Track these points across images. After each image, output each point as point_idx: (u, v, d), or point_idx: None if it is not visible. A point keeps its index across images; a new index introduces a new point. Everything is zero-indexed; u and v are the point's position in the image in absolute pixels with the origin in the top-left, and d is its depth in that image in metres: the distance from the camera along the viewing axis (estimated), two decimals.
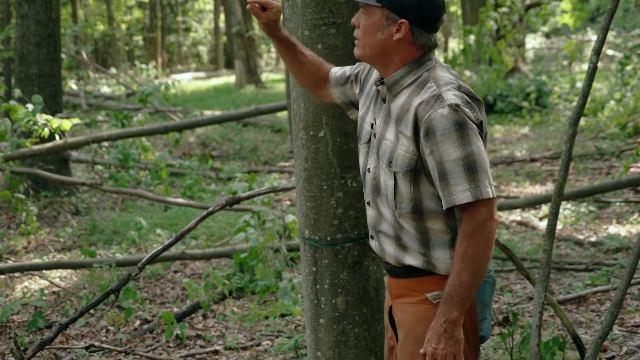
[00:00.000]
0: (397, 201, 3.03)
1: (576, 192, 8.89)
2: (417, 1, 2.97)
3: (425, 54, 3.06)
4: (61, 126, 8.32)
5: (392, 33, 3.01)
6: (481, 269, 2.92)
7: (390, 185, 3.04)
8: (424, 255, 3.05)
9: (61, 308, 7.00)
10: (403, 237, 3.09)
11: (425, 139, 2.89)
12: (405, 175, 2.98)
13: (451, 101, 2.88)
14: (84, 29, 21.11)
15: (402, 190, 3.01)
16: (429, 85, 2.97)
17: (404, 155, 2.97)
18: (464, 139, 2.86)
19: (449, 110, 2.86)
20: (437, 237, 3.04)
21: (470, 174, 2.86)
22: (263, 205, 8.02)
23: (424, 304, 3.08)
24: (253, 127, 17.52)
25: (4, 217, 9.92)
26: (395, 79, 3.06)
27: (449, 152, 2.86)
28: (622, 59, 15.23)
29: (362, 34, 3.08)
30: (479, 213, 2.88)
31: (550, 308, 5.91)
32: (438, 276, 3.05)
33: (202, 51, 50.52)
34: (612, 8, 4.50)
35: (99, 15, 38.96)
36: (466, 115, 2.88)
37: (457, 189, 2.87)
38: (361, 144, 3.26)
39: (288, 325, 6.33)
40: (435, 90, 2.93)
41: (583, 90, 4.55)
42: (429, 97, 2.92)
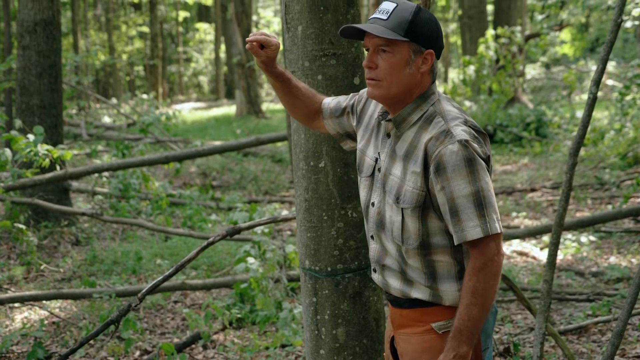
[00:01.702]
0: (404, 237, 3.03)
1: (577, 222, 8.88)
2: (437, 30, 3.01)
3: (430, 88, 3.06)
4: (62, 156, 8.33)
5: (419, 66, 3.02)
6: (489, 302, 2.95)
7: (398, 221, 3.03)
8: (431, 288, 3.05)
9: (61, 339, 6.97)
10: (408, 272, 3.08)
11: (436, 175, 2.91)
12: (413, 211, 2.99)
13: (460, 137, 2.89)
14: (85, 59, 21.17)
15: (409, 226, 3.01)
16: (436, 120, 2.98)
17: (412, 191, 2.97)
18: (473, 174, 2.89)
19: (458, 146, 2.88)
20: (444, 270, 3.04)
21: (480, 209, 2.89)
22: (264, 235, 8.02)
23: (429, 334, 3.08)
24: (253, 157, 17.54)
25: (4, 247, 9.91)
26: (403, 117, 3.05)
27: (460, 188, 2.88)
28: (621, 90, 15.27)
29: (387, 73, 3.02)
30: (489, 248, 2.91)
31: (551, 338, 5.89)
32: (443, 306, 3.06)
33: (203, 81, 50.68)
34: (612, 39, 4.52)
35: (100, 46, 39.09)
36: (475, 150, 2.90)
37: (468, 225, 2.89)
38: (363, 177, 3.24)
39: (288, 356, 6.31)
40: (443, 126, 2.94)
41: (583, 121, 4.57)
42: (438, 132, 2.93)
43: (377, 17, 3.00)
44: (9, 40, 17.35)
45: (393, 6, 3.00)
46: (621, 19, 4.52)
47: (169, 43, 47.40)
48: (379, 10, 3.01)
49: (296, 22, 3.78)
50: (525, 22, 28.58)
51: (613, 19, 4.55)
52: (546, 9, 21.46)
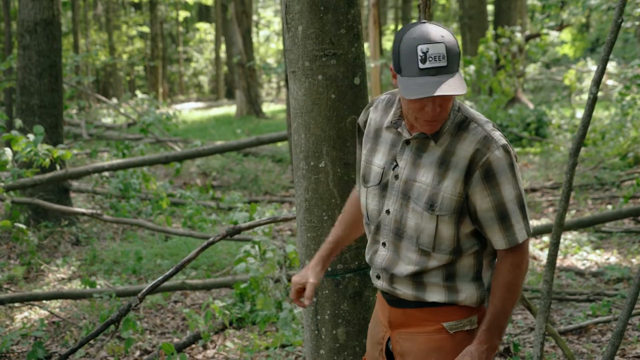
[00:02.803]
0: (436, 243, 3.02)
1: (577, 223, 8.88)
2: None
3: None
4: (62, 156, 8.33)
5: None
6: (518, 298, 3.09)
7: (430, 228, 3.00)
8: (448, 288, 3.06)
9: (61, 338, 6.97)
10: (426, 277, 3.06)
11: (484, 181, 2.93)
12: (450, 217, 2.98)
13: (501, 142, 2.94)
14: (85, 59, 21.18)
15: (443, 232, 3.00)
16: (472, 126, 2.98)
17: (451, 198, 2.96)
18: (515, 178, 2.96)
19: (503, 151, 2.93)
20: (465, 271, 3.07)
21: (523, 211, 2.98)
22: (264, 235, 8.01)
23: (439, 334, 3.08)
24: (254, 157, 17.53)
25: (5, 247, 9.91)
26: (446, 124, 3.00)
27: (508, 193, 2.93)
28: (621, 90, 15.27)
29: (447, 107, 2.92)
30: (526, 247, 3.03)
31: (551, 339, 5.89)
32: (457, 306, 3.08)
33: (203, 81, 50.69)
34: (612, 39, 4.52)
35: (100, 46, 39.10)
36: (513, 154, 2.97)
37: (517, 228, 2.98)
38: (369, 186, 3.16)
39: (288, 356, 6.31)
40: (482, 132, 2.96)
41: (583, 121, 4.57)
42: (480, 139, 2.94)
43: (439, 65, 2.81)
44: (10, 40, 17.34)
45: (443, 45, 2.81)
46: (621, 19, 4.52)
47: (169, 43, 47.41)
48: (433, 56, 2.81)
49: (296, 22, 3.78)
50: (526, 22, 28.59)
51: (613, 19, 4.55)
52: (546, 9, 21.46)
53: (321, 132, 3.77)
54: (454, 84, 2.80)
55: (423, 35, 2.81)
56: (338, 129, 3.78)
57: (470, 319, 3.09)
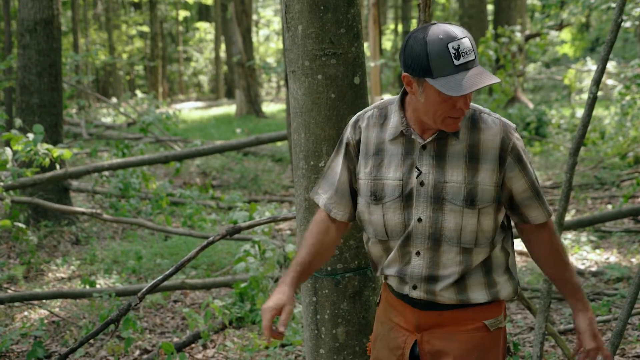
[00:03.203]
0: (479, 237, 3.02)
1: (577, 222, 8.88)
2: None
3: None
4: (62, 155, 8.33)
5: None
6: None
7: (472, 224, 2.99)
8: (488, 284, 3.08)
9: (61, 338, 6.97)
10: (467, 276, 3.05)
11: (517, 165, 3.01)
12: (491, 208, 3.01)
13: (514, 126, 3.07)
14: (85, 59, 21.19)
15: (484, 225, 3.02)
16: (484, 117, 3.04)
17: (490, 188, 2.99)
18: (530, 159, 3.08)
19: (518, 135, 3.04)
20: (499, 263, 3.11)
21: (542, 192, 3.10)
22: (263, 234, 8.02)
23: (480, 332, 3.08)
24: (253, 157, 17.53)
25: (4, 246, 9.91)
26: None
27: (531, 173, 3.03)
28: (621, 90, 15.28)
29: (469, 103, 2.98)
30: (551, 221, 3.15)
31: (551, 338, 5.89)
32: (496, 303, 3.12)
33: (203, 81, 50.69)
34: (612, 39, 4.52)
35: (100, 45, 39.11)
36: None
37: (545, 205, 3.09)
38: (387, 201, 3.06)
39: (288, 355, 6.31)
40: (497, 120, 3.04)
41: (583, 120, 4.57)
42: (500, 127, 3.02)
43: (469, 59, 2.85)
44: (9, 39, 17.34)
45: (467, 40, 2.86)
46: (621, 18, 4.52)
47: (169, 42, 47.41)
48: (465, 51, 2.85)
49: (296, 21, 3.78)
50: (526, 22, 28.60)
51: (613, 19, 4.55)
52: (546, 8, 21.45)
53: (321, 131, 3.77)
54: (487, 73, 2.89)
55: (447, 33, 2.82)
56: (338, 129, 3.78)
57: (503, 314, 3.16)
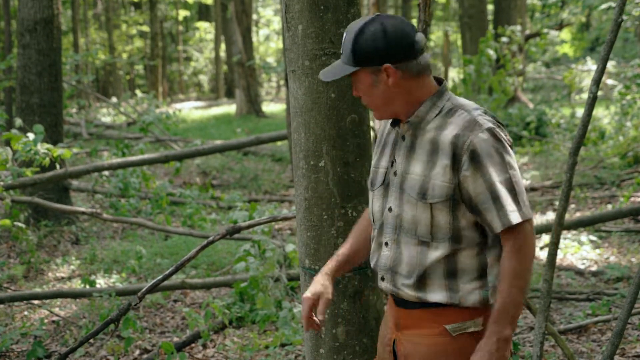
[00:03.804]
0: (434, 232, 2.99)
1: (577, 222, 8.88)
2: (385, 44, 2.95)
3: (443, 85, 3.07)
4: (62, 155, 8.33)
5: (386, 80, 2.98)
6: (528, 285, 2.97)
7: (425, 218, 2.98)
8: (450, 288, 2.99)
9: (61, 337, 6.98)
10: (428, 273, 3.01)
11: (471, 165, 2.90)
12: (443, 204, 2.95)
13: (488, 125, 2.93)
14: (85, 58, 21.20)
15: (439, 220, 2.97)
16: (458, 112, 2.98)
17: (441, 185, 2.94)
18: (504, 161, 2.92)
19: (488, 134, 2.91)
20: (468, 269, 3.00)
21: (514, 195, 2.92)
22: (263, 234, 8.02)
23: (442, 337, 3.01)
24: (253, 156, 17.54)
25: (4, 246, 9.91)
26: (421, 116, 3.02)
27: (496, 175, 2.89)
28: (621, 89, 15.28)
29: (367, 98, 3.05)
30: (525, 231, 2.93)
31: (551, 338, 5.89)
32: (459, 308, 3.01)
33: (203, 80, 50.67)
34: (612, 38, 4.52)
35: (100, 45, 39.11)
36: (502, 137, 2.94)
37: (509, 210, 2.90)
38: (375, 189, 3.18)
39: (288, 355, 6.31)
40: (467, 116, 2.96)
41: (583, 120, 4.56)
42: (464, 123, 2.95)
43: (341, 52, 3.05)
44: (9, 39, 17.35)
45: (344, 36, 3.02)
46: (621, 18, 4.52)
47: (169, 42, 47.39)
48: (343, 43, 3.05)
49: (296, 21, 3.78)
50: (526, 22, 28.60)
51: (613, 19, 4.55)
52: (546, 8, 21.47)
53: (321, 131, 3.77)
54: (329, 73, 3.04)
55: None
56: (338, 128, 3.78)
57: (474, 320, 3.01)
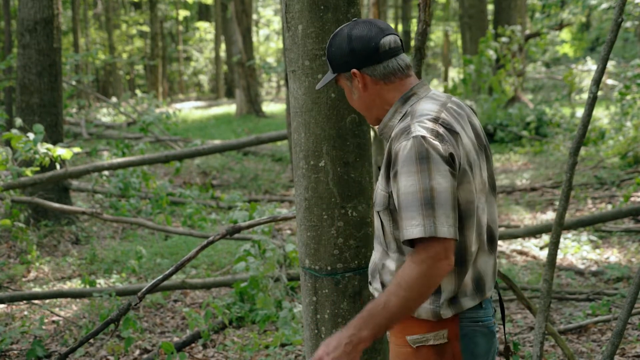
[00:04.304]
0: (386, 241, 2.97)
1: (577, 222, 8.88)
2: (348, 49, 2.97)
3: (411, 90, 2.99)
4: (62, 155, 8.33)
5: (358, 86, 3.00)
6: (412, 302, 2.77)
7: (378, 227, 2.99)
8: None
9: (61, 337, 6.98)
10: (385, 281, 2.98)
11: (392, 173, 2.81)
12: (384, 213, 2.92)
13: (417, 133, 2.77)
14: (85, 58, 21.21)
15: (386, 230, 2.94)
16: (405, 120, 2.89)
17: (381, 193, 2.90)
18: (424, 172, 2.73)
19: (412, 141, 2.75)
20: None
21: (426, 209, 2.72)
22: (263, 234, 8.02)
23: (404, 347, 2.98)
24: (254, 156, 17.55)
25: (4, 246, 9.91)
26: (384, 123, 3.02)
27: (407, 185, 2.74)
28: (621, 89, 15.28)
29: (353, 104, 3.11)
30: (432, 248, 2.72)
31: (551, 338, 5.89)
32: (417, 319, 2.93)
33: (203, 80, 50.69)
34: (612, 38, 4.52)
35: (100, 45, 39.11)
36: (432, 147, 2.75)
37: (410, 223, 2.73)
38: None
39: (288, 355, 6.31)
40: (407, 123, 2.85)
41: (583, 120, 4.57)
42: (399, 130, 2.84)
43: None
44: (9, 39, 17.35)
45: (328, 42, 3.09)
46: (621, 18, 4.52)
47: (169, 42, 47.40)
48: None
49: (296, 21, 3.78)
50: (526, 22, 28.59)
51: (613, 19, 4.55)
52: (546, 8, 21.45)
53: (321, 131, 3.77)
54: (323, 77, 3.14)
55: None
56: (338, 128, 3.78)
57: (435, 333, 2.92)
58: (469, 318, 2.94)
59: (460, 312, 2.92)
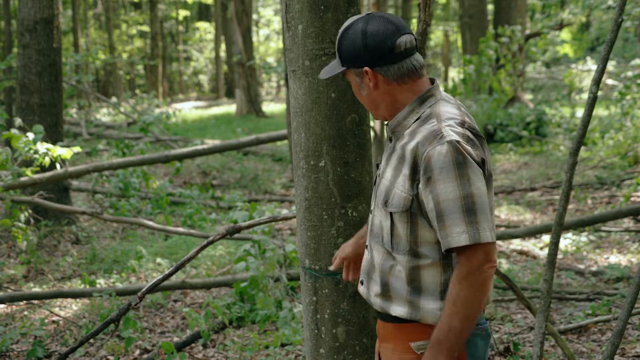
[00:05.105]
0: (394, 242, 2.92)
1: (577, 222, 8.88)
2: (362, 45, 2.89)
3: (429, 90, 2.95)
4: (62, 155, 8.33)
5: (368, 84, 2.94)
6: (473, 314, 2.78)
7: (387, 226, 2.92)
8: (412, 304, 2.90)
9: (61, 337, 6.97)
10: (391, 284, 2.95)
11: (424, 178, 2.77)
12: (401, 215, 2.86)
13: (451, 137, 2.74)
14: (85, 58, 21.21)
15: (399, 230, 2.89)
16: (430, 121, 2.84)
17: (400, 195, 2.85)
18: (463, 178, 2.72)
19: (448, 147, 2.73)
20: (429, 287, 2.89)
21: (469, 215, 2.72)
22: (263, 234, 8.02)
23: (407, 354, 2.95)
24: (254, 156, 17.55)
25: (4, 245, 9.91)
26: (398, 120, 2.95)
27: (447, 192, 2.72)
28: (622, 89, 15.28)
29: (360, 100, 3.05)
30: (476, 256, 2.74)
31: (551, 338, 5.89)
32: (423, 325, 2.91)
33: (203, 80, 50.68)
34: (612, 38, 4.52)
35: (100, 45, 39.10)
36: (467, 152, 2.74)
37: (454, 231, 2.72)
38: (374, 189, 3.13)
39: (288, 355, 6.31)
40: (435, 126, 2.80)
41: (583, 120, 4.57)
42: (428, 133, 2.79)
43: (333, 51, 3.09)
44: (10, 39, 17.35)
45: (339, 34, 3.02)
46: (622, 18, 4.52)
47: (169, 42, 47.41)
48: None
49: (296, 21, 3.78)
50: (526, 22, 28.59)
51: (613, 19, 4.55)
52: (546, 8, 21.44)
53: (321, 131, 3.77)
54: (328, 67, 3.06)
55: None
56: (338, 128, 3.78)
57: None
58: None
59: None
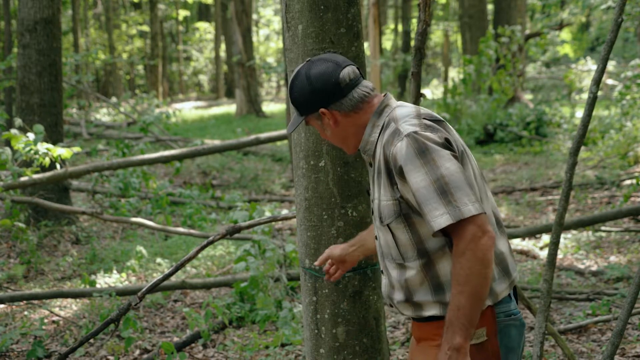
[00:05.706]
0: (402, 252, 2.98)
1: (577, 222, 8.87)
2: (309, 91, 3.03)
3: (382, 103, 3.07)
4: (62, 155, 8.32)
5: (329, 124, 3.08)
6: (479, 290, 2.80)
7: (390, 240, 3.00)
8: (440, 302, 2.95)
9: (61, 337, 6.97)
10: (415, 295, 3.00)
11: (398, 177, 2.88)
12: (397, 222, 2.94)
13: (407, 131, 2.88)
14: (85, 58, 21.21)
15: (402, 239, 2.97)
16: (389, 127, 2.97)
17: (387, 204, 2.94)
18: (429, 164, 2.81)
19: (406, 140, 2.85)
20: (448, 278, 2.93)
21: (444, 197, 2.79)
22: (263, 234, 8.01)
23: None
24: (254, 156, 17.55)
25: (4, 245, 9.91)
26: (365, 140, 3.08)
27: (418, 181, 2.81)
28: (622, 89, 15.28)
29: (332, 142, 3.18)
30: (466, 231, 2.78)
31: (551, 338, 5.89)
32: None
33: (203, 80, 50.69)
34: (612, 38, 4.52)
35: (100, 45, 39.10)
36: (426, 138, 2.85)
37: (435, 214, 2.79)
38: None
39: (288, 355, 6.31)
40: (392, 129, 2.94)
41: (583, 120, 4.56)
42: (388, 137, 2.93)
43: None
44: (10, 39, 17.35)
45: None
46: (621, 18, 4.52)
47: (169, 42, 47.41)
48: None
49: (296, 21, 3.78)
50: (526, 22, 28.60)
51: (613, 19, 4.55)
52: (546, 8, 21.45)
53: None
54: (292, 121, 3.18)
55: None
56: None
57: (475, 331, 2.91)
58: (504, 312, 3.00)
59: (496, 302, 2.96)
